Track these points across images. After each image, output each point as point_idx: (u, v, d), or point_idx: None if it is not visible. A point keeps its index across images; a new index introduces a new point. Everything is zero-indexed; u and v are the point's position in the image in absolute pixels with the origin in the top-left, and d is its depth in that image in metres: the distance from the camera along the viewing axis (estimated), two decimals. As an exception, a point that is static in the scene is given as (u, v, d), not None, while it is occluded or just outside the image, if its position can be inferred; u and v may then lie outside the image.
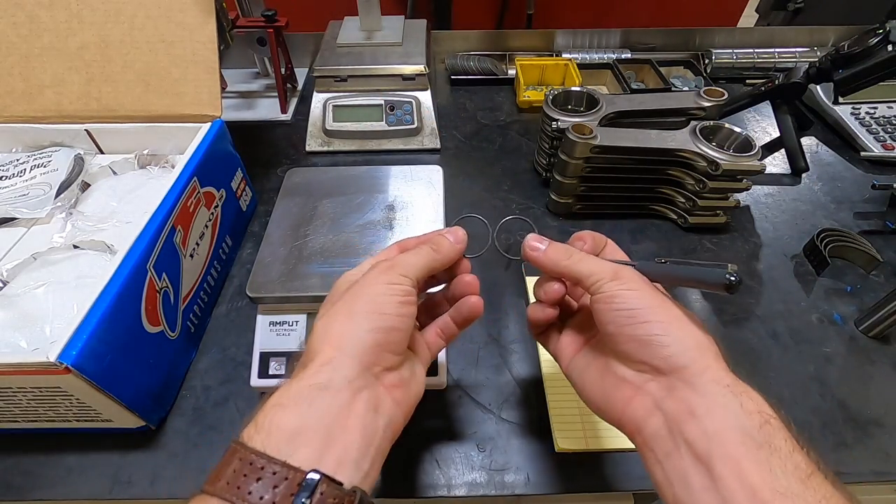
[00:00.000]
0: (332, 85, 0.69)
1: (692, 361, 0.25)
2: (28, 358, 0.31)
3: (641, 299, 0.27)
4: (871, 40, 0.58)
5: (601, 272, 0.28)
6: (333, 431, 0.22)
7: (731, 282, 0.25)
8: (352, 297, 0.27)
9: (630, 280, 0.28)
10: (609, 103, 0.61)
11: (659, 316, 0.26)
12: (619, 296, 0.27)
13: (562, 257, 0.31)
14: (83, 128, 0.52)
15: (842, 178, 0.67)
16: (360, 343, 0.25)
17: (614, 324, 0.27)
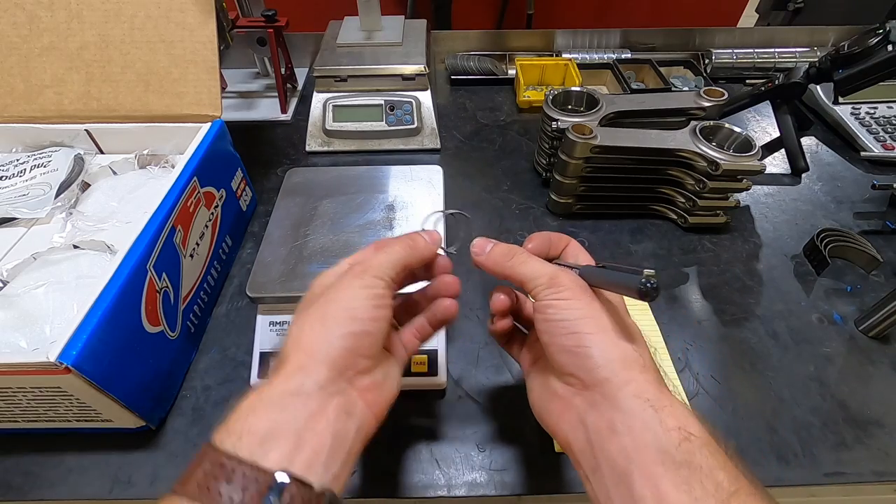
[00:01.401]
0: (332, 85, 0.69)
1: (614, 374, 0.24)
2: (28, 358, 0.31)
3: (573, 309, 0.26)
4: (871, 40, 0.58)
5: (539, 276, 0.28)
6: (304, 435, 0.22)
7: (645, 288, 0.24)
8: (325, 303, 0.27)
9: (566, 287, 0.27)
10: (609, 103, 0.61)
11: (588, 327, 0.26)
12: (552, 305, 0.27)
13: (504, 259, 0.30)
14: (83, 128, 0.52)
15: (842, 178, 0.67)
16: (331, 349, 0.25)
17: (548, 333, 0.27)
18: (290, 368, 0.24)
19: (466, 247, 0.34)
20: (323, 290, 0.28)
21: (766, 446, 0.40)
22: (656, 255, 0.56)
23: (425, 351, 0.42)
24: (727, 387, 0.44)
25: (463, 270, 0.54)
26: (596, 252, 0.56)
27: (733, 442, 0.40)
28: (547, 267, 0.29)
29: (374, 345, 0.27)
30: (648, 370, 0.25)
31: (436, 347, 0.42)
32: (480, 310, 0.50)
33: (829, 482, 0.38)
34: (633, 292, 0.24)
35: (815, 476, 0.39)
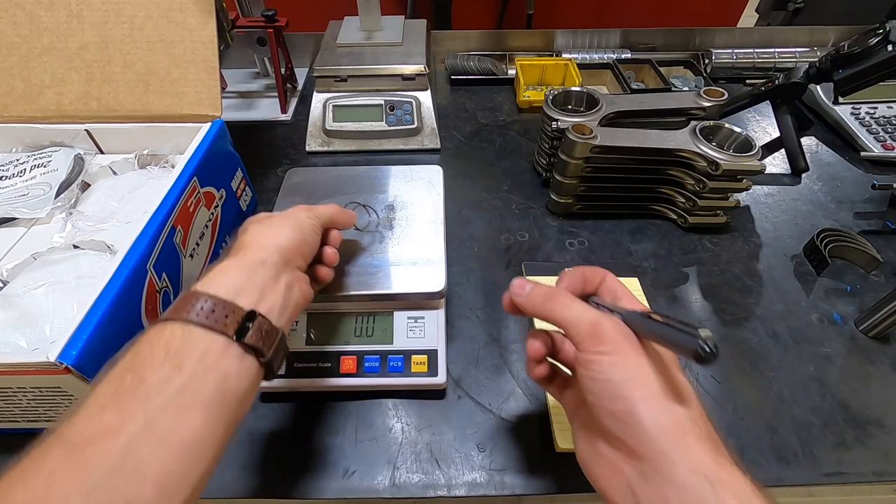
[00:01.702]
0: (332, 85, 0.69)
1: (667, 445, 0.23)
2: (28, 358, 0.31)
3: (619, 368, 0.25)
4: (871, 40, 0.58)
5: (581, 324, 0.27)
6: (265, 292, 0.29)
7: (704, 353, 0.22)
8: (280, 218, 0.34)
9: (610, 339, 0.25)
10: (609, 103, 0.61)
11: (637, 391, 0.24)
12: (596, 361, 0.25)
13: (545, 300, 0.29)
14: (83, 128, 0.52)
15: (842, 178, 0.67)
16: (285, 242, 0.32)
17: (592, 393, 0.26)
18: (252, 249, 0.31)
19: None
20: (265, 216, 0.35)
21: (766, 446, 0.40)
22: (656, 255, 0.56)
23: (425, 351, 0.42)
24: (727, 387, 0.44)
25: (463, 270, 0.54)
26: (596, 252, 0.56)
27: (733, 442, 0.40)
28: (589, 312, 0.27)
29: (310, 252, 0.35)
30: (704, 438, 0.23)
31: (436, 347, 0.42)
32: (480, 310, 0.50)
33: (829, 482, 0.38)
34: (688, 354, 0.23)
35: (815, 476, 0.39)
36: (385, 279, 0.42)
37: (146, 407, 0.22)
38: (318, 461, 0.39)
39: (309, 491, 0.38)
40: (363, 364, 0.42)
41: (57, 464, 0.20)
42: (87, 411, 0.22)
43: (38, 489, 0.20)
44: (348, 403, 0.43)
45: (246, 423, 0.42)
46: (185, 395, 0.23)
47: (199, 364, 0.24)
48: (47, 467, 0.20)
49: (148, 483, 0.21)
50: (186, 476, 0.22)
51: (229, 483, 0.38)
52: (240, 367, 0.26)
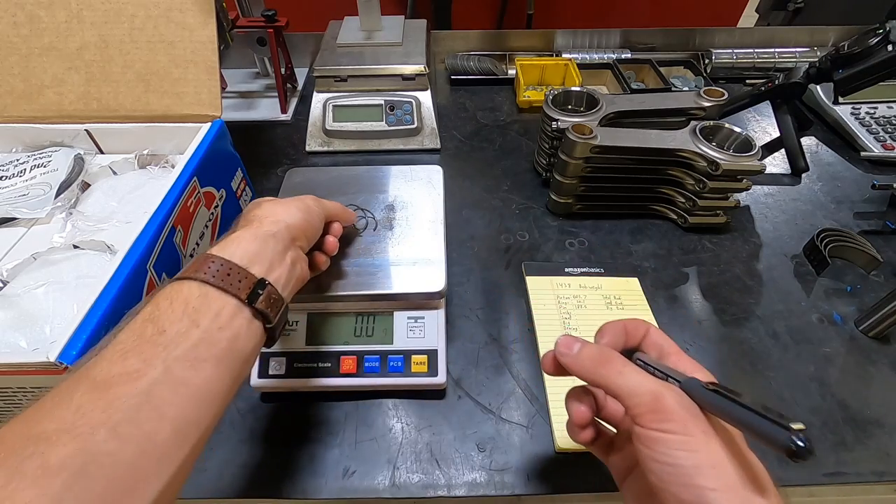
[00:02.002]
0: (332, 85, 0.69)
1: None
2: (28, 358, 0.31)
3: (687, 452, 0.22)
4: (871, 40, 0.58)
5: (640, 395, 0.24)
6: (274, 263, 0.31)
7: (798, 448, 0.20)
8: (290, 199, 0.36)
9: (675, 417, 0.23)
10: (609, 103, 0.61)
11: (709, 480, 0.22)
12: (660, 441, 0.23)
13: (597, 364, 0.27)
14: (83, 128, 0.52)
15: (842, 178, 0.67)
16: (294, 221, 0.34)
17: (656, 475, 0.23)
18: (266, 223, 0.32)
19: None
20: (275, 199, 0.37)
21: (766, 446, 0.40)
22: (656, 255, 0.56)
23: (425, 351, 0.42)
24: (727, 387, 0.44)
25: (463, 270, 0.54)
26: (596, 252, 0.56)
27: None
28: (648, 382, 0.25)
29: (313, 235, 0.36)
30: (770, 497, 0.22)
31: (436, 347, 0.42)
32: (480, 310, 0.50)
33: (829, 482, 0.38)
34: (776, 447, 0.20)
35: (815, 476, 0.39)
36: (385, 279, 0.42)
37: (166, 356, 0.24)
38: (318, 461, 0.39)
39: (309, 491, 0.38)
40: (363, 364, 0.42)
41: (84, 400, 0.21)
42: (110, 355, 0.23)
43: (66, 421, 0.21)
44: (348, 403, 0.43)
45: (246, 422, 0.42)
46: (199, 349, 0.25)
47: (214, 322, 0.26)
48: (75, 402, 0.21)
49: (166, 423, 0.23)
50: (198, 421, 0.24)
51: (229, 483, 0.38)
52: (248, 330, 0.28)
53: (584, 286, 0.51)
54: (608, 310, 0.49)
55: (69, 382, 0.22)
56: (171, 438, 0.23)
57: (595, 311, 0.49)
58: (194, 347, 0.25)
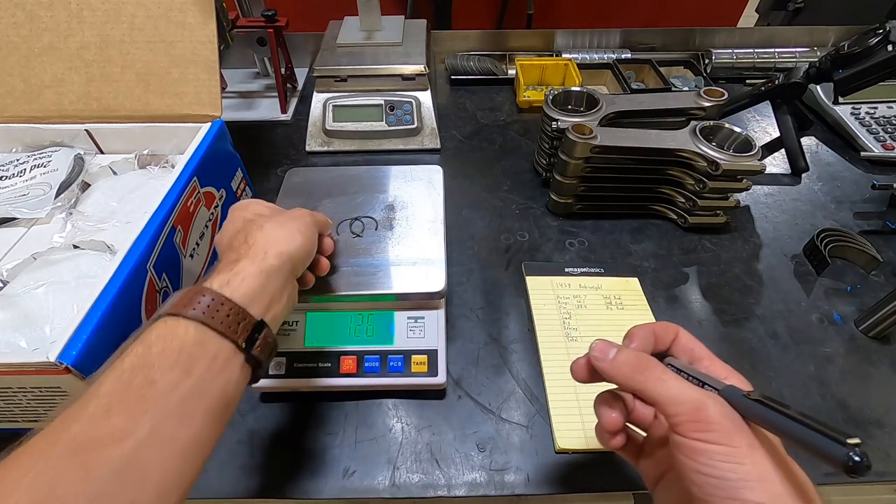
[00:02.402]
0: (332, 85, 0.69)
1: None
2: (28, 358, 0.31)
3: (732, 464, 0.22)
4: (871, 40, 0.58)
5: (681, 403, 0.24)
6: (273, 300, 0.31)
7: (856, 464, 0.19)
8: (288, 220, 0.34)
9: (718, 427, 0.22)
10: (609, 103, 0.61)
11: (755, 494, 0.21)
12: (703, 452, 0.22)
13: (634, 370, 0.26)
14: (83, 128, 0.52)
15: (842, 178, 0.67)
16: (296, 250, 0.33)
17: (698, 486, 0.23)
18: (270, 255, 0.31)
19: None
20: (270, 210, 0.36)
21: (766, 446, 0.40)
22: (656, 255, 0.56)
23: (425, 351, 0.42)
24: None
25: (463, 270, 0.54)
26: (596, 252, 0.56)
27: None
28: (689, 391, 0.24)
29: (310, 257, 0.36)
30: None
31: (436, 347, 0.42)
32: (480, 310, 0.50)
33: (829, 482, 0.38)
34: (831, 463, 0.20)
35: (816, 476, 0.38)
36: (385, 279, 0.42)
37: (154, 413, 0.22)
38: (318, 461, 0.39)
39: (309, 491, 0.38)
40: (363, 364, 0.42)
41: (61, 466, 0.20)
42: (93, 409, 0.22)
43: (41, 490, 0.19)
44: (348, 403, 0.43)
45: (246, 422, 0.42)
46: (190, 402, 0.24)
47: (208, 370, 0.25)
48: (51, 469, 0.20)
49: (150, 487, 0.22)
50: (184, 477, 0.23)
51: (229, 483, 0.38)
52: (240, 375, 0.27)
53: (584, 286, 0.51)
54: (608, 310, 0.49)
55: (46, 439, 0.21)
56: (155, 502, 0.22)
57: (595, 311, 0.49)
58: (184, 401, 0.24)
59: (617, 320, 0.49)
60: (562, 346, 0.46)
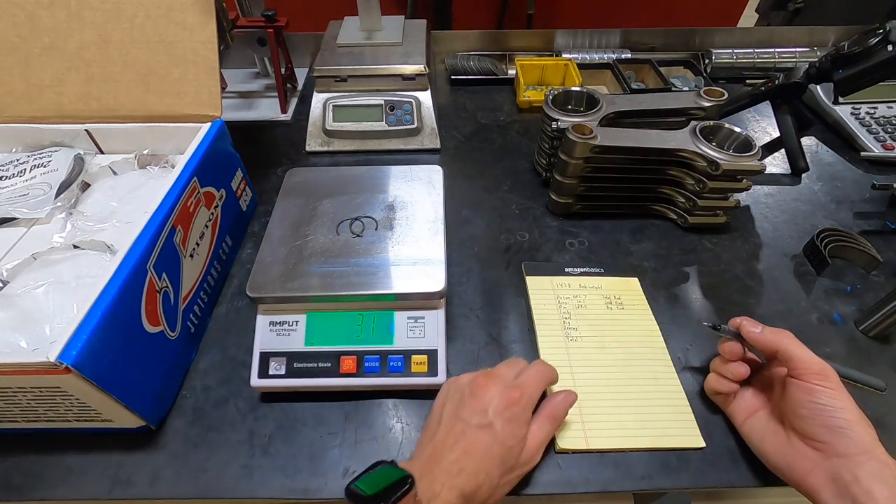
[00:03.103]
0: (332, 85, 0.69)
1: (865, 451, 0.32)
2: (28, 358, 0.31)
3: (839, 400, 0.34)
4: (871, 40, 0.58)
5: (811, 364, 0.36)
6: None
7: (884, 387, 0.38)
8: (504, 451, 0.35)
9: (833, 379, 0.35)
10: (609, 103, 0.61)
11: (849, 415, 0.33)
12: (821, 393, 0.34)
13: (780, 336, 0.38)
14: (83, 128, 0.52)
15: (842, 178, 0.67)
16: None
17: (809, 410, 0.34)
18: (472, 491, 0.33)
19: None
20: (505, 402, 0.36)
21: (766, 446, 0.40)
22: (656, 255, 0.56)
23: (425, 351, 0.42)
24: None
25: (463, 270, 0.54)
26: (596, 252, 0.56)
27: (735, 441, 0.40)
28: (816, 357, 0.36)
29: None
30: (880, 443, 0.33)
31: (436, 347, 0.42)
32: (480, 310, 0.50)
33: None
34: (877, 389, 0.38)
35: None
36: (385, 279, 0.42)
37: None
38: (318, 461, 0.39)
39: (309, 491, 0.38)
40: (363, 364, 0.42)
41: None
42: None
43: None
44: (348, 403, 0.43)
45: (246, 422, 0.42)
46: None
47: None
48: None
49: None
50: None
51: (229, 483, 0.38)
52: None
53: (584, 286, 0.51)
54: (608, 310, 0.49)
55: None
56: None
57: (595, 310, 0.49)
58: None
59: (617, 320, 0.49)
60: (562, 346, 0.46)
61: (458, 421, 0.35)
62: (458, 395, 0.37)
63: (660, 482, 0.38)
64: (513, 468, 0.35)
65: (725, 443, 0.40)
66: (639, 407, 0.42)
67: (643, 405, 0.42)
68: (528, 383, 0.38)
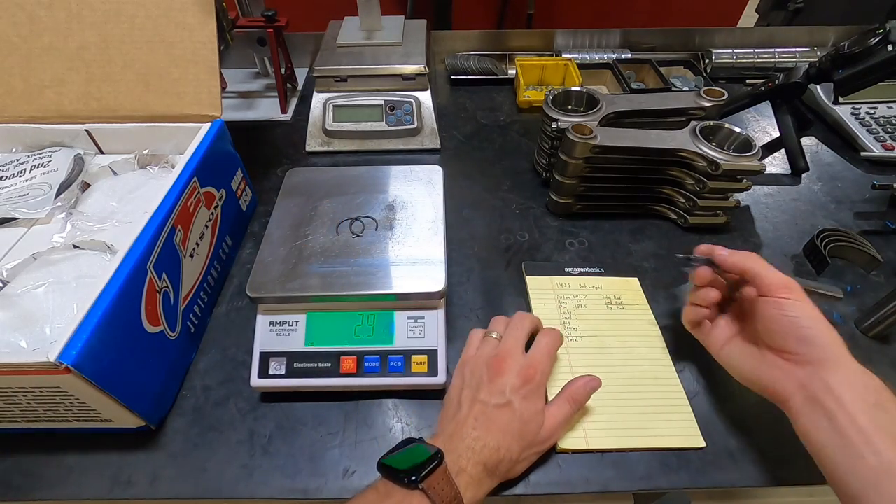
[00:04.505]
0: (332, 85, 0.69)
1: (834, 356, 0.34)
2: (28, 358, 0.31)
3: (804, 310, 0.36)
4: (871, 40, 0.58)
5: (779, 281, 0.38)
6: None
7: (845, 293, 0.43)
8: (522, 424, 0.37)
9: (797, 290, 0.37)
10: (609, 103, 0.61)
11: (816, 324, 0.35)
12: (789, 305, 0.36)
13: (747, 258, 0.40)
14: (83, 128, 0.52)
15: (842, 178, 0.67)
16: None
17: (779, 324, 0.36)
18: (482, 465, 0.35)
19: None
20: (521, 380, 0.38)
21: (767, 446, 0.40)
22: (656, 255, 0.56)
23: (425, 351, 0.42)
24: (728, 387, 0.44)
25: (463, 270, 0.54)
26: (596, 252, 0.56)
27: (735, 441, 0.40)
28: (780, 273, 0.38)
29: None
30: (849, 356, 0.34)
31: (436, 347, 0.42)
32: (480, 310, 0.50)
33: (829, 482, 0.38)
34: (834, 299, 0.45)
35: (816, 476, 0.38)
36: (385, 279, 0.42)
37: None
38: (318, 461, 0.39)
39: (309, 491, 0.38)
40: (363, 364, 0.42)
41: None
42: None
43: None
44: (348, 403, 0.43)
45: (246, 422, 0.42)
46: None
47: None
48: None
49: None
50: None
51: (229, 483, 0.38)
52: None
53: (584, 286, 0.51)
54: (608, 309, 0.49)
55: None
56: None
57: (595, 310, 0.49)
58: None
59: (617, 320, 0.49)
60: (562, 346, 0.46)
61: (477, 403, 0.37)
62: (476, 380, 0.39)
63: (660, 482, 0.38)
64: (531, 444, 0.37)
65: (725, 443, 0.40)
66: (639, 407, 0.42)
67: (643, 405, 0.42)
68: (540, 359, 0.40)
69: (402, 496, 0.32)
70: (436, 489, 0.31)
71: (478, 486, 0.34)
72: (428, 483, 0.31)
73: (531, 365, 0.39)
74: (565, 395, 0.40)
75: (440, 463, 0.33)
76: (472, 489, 0.33)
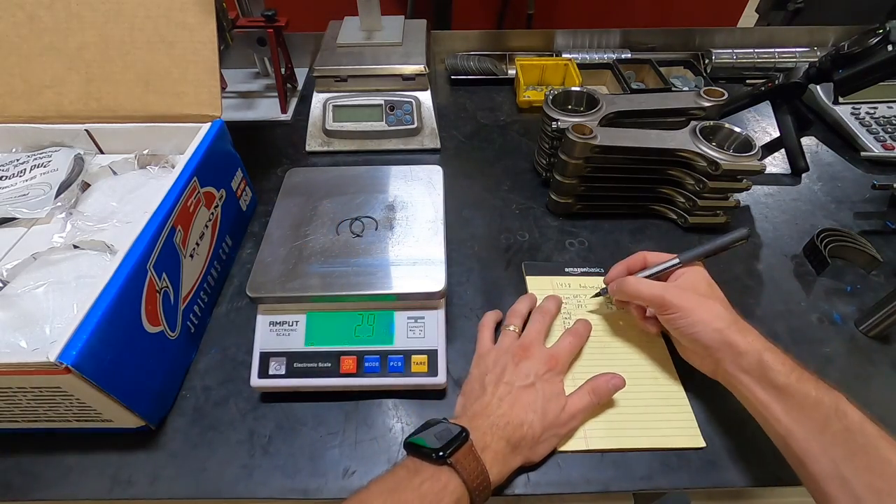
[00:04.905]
0: (332, 85, 0.69)
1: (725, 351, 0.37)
2: (28, 358, 0.31)
3: (684, 321, 0.39)
4: (871, 40, 0.58)
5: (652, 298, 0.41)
6: None
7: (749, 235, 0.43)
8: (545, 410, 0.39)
9: (671, 306, 0.40)
10: (609, 103, 0.61)
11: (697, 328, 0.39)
12: (670, 322, 0.40)
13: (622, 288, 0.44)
14: (83, 128, 0.52)
15: (842, 178, 0.67)
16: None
17: (678, 333, 0.41)
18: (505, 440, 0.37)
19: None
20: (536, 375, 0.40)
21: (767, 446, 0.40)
22: (656, 255, 0.56)
23: (425, 351, 0.42)
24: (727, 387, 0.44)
25: (463, 270, 0.54)
26: (596, 252, 0.56)
27: (735, 441, 0.40)
28: (654, 289, 0.41)
29: None
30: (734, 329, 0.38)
31: (436, 347, 0.42)
32: (480, 310, 0.50)
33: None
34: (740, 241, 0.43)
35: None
36: (385, 279, 0.42)
37: None
38: (318, 461, 0.39)
39: (309, 491, 0.38)
40: (363, 364, 0.42)
41: None
42: None
43: None
44: (348, 403, 0.43)
45: (246, 422, 0.42)
46: None
47: None
48: None
49: None
50: None
51: (229, 483, 0.38)
52: None
53: (584, 286, 0.51)
54: (608, 309, 0.49)
55: None
56: None
57: (595, 311, 0.49)
58: None
59: (617, 320, 0.49)
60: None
61: (501, 384, 0.39)
62: (500, 367, 0.41)
63: (660, 482, 0.38)
64: (553, 424, 0.38)
65: (725, 443, 0.40)
66: (639, 407, 0.42)
67: (643, 405, 0.42)
68: (562, 354, 0.43)
69: (432, 472, 0.33)
70: (463, 464, 0.33)
71: (503, 463, 0.35)
72: (455, 458, 0.33)
73: (553, 356, 0.42)
74: (587, 387, 0.41)
75: (466, 439, 0.34)
76: (497, 465, 0.35)
